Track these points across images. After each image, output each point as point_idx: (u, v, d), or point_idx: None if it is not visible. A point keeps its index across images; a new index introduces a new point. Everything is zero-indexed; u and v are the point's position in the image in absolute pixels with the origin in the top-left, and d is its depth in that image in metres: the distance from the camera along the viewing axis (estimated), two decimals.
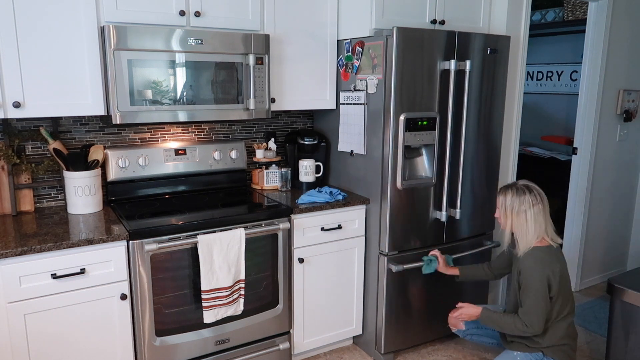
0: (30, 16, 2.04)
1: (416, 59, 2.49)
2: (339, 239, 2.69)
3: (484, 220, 2.96)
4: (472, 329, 2.47)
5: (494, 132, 2.89)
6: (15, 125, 2.39)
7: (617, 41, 3.53)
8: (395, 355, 2.87)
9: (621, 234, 4.01)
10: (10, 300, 1.93)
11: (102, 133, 2.59)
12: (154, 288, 2.19)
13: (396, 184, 2.57)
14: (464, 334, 2.50)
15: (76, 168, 2.38)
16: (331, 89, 2.83)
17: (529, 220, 2.11)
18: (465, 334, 2.50)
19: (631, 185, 3.96)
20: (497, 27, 3.02)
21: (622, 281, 2.29)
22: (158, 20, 2.29)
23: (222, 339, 2.41)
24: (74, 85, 2.17)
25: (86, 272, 2.05)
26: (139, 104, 2.25)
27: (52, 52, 2.11)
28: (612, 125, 3.69)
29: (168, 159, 2.67)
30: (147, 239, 2.14)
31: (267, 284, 2.51)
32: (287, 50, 2.65)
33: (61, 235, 2.05)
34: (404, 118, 2.50)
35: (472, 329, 2.47)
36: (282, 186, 2.85)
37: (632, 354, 2.23)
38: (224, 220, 2.32)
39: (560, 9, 4.26)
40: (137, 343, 2.22)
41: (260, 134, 3.04)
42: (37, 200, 2.49)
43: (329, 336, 2.79)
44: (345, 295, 2.79)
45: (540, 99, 4.68)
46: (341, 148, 2.88)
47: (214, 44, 2.36)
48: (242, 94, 2.50)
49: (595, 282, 3.93)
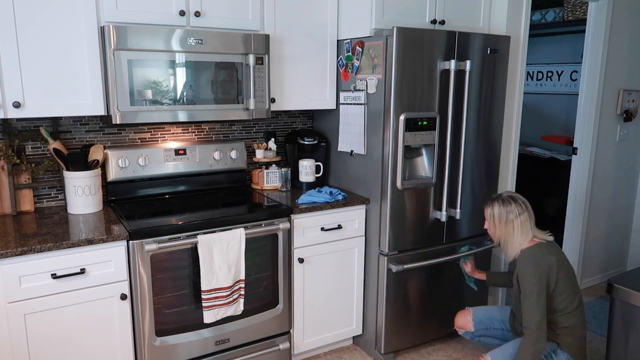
0: (30, 16, 2.04)
1: (416, 59, 2.49)
2: (339, 239, 2.69)
3: (484, 221, 2.95)
4: (480, 329, 2.46)
5: (494, 132, 2.89)
6: (15, 125, 2.39)
7: (617, 41, 3.53)
8: (395, 355, 2.87)
9: (621, 234, 4.01)
10: (10, 300, 1.93)
11: (102, 133, 2.59)
12: (154, 288, 2.19)
13: (396, 184, 2.57)
14: (472, 335, 2.49)
15: (76, 168, 2.38)
16: (331, 89, 2.83)
17: (516, 228, 2.18)
18: (474, 336, 2.49)
19: (631, 185, 3.96)
20: (497, 27, 3.02)
21: (622, 281, 2.29)
22: (158, 20, 2.29)
23: (222, 339, 2.41)
24: (74, 85, 2.17)
25: (86, 272, 2.05)
26: (139, 104, 2.25)
27: (52, 52, 2.11)
28: (612, 125, 3.69)
29: (168, 159, 2.67)
30: (147, 239, 2.14)
31: (267, 284, 2.51)
32: (287, 50, 2.65)
33: (61, 235, 2.05)
34: (404, 118, 2.50)
35: (480, 329, 2.46)
36: (282, 186, 2.85)
37: (632, 354, 2.23)
38: (224, 220, 2.32)
39: (560, 9, 4.26)
40: (137, 343, 2.22)
41: (260, 134, 3.04)
42: (37, 200, 2.49)
43: (329, 336, 2.79)
44: (345, 295, 2.79)
45: (540, 99, 4.68)
46: (341, 148, 2.88)
47: (214, 44, 2.36)
48: (242, 94, 2.50)
49: (595, 282, 3.93)
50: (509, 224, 2.19)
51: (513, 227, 2.18)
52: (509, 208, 2.19)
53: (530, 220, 2.20)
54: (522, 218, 2.18)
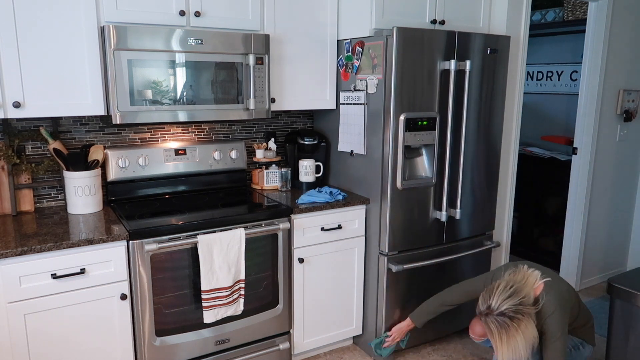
0: (30, 16, 2.04)
1: (416, 59, 2.49)
2: (339, 239, 2.69)
3: (484, 221, 2.96)
4: None
5: (494, 132, 2.89)
6: (15, 125, 2.39)
7: (617, 41, 3.53)
8: (396, 355, 2.87)
9: (621, 234, 4.01)
10: (10, 300, 1.93)
11: (102, 133, 2.59)
12: (154, 288, 2.19)
13: (396, 184, 2.57)
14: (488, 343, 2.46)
15: (76, 168, 2.38)
16: (331, 89, 2.83)
17: (525, 340, 1.97)
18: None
19: (631, 185, 3.96)
20: (497, 27, 3.02)
21: (622, 281, 2.29)
22: (158, 20, 2.29)
23: (222, 339, 2.41)
24: (74, 85, 2.17)
25: (86, 272, 2.05)
26: (139, 104, 2.25)
27: (52, 52, 2.11)
28: (612, 125, 3.69)
29: (168, 159, 2.67)
30: (147, 239, 2.14)
31: (267, 284, 2.51)
32: (287, 50, 2.65)
33: (61, 235, 2.05)
34: (404, 118, 2.50)
35: None
36: (282, 186, 2.85)
37: (632, 354, 2.23)
38: (224, 220, 2.32)
39: (560, 9, 4.26)
40: (137, 343, 2.22)
41: (260, 134, 3.04)
42: (37, 200, 2.49)
43: (329, 336, 2.79)
44: (345, 295, 2.79)
45: (540, 99, 4.68)
46: (341, 148, 2.88)
47: (214, 44, 2.36)
48: (242, 94, 2.50)
49: (595, 282, 3.93)
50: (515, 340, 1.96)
51: (523, 339, 1.95)
52: (508, 331, 1.96)
53: (531, 317, 1.99)
54: (522, 328, 1.96)
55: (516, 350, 1.97)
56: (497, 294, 2.01)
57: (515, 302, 1.97)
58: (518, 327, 1.95)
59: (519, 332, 1.95)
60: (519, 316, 1.96)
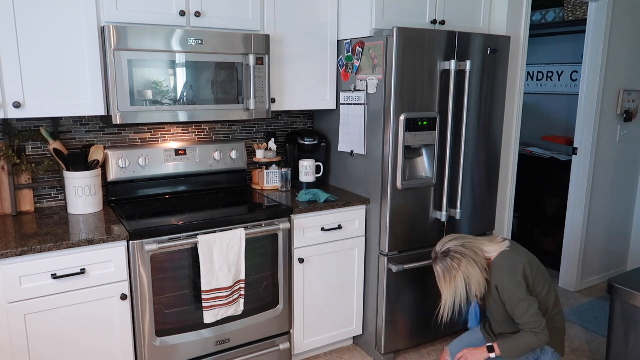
0: (30, 16, 2.04)
1: (416, 59, 2.49)
2: (339, 239, 2.69)
3: (484, 221, 2.96)
4: None
5: (494, 132, 2.89)
6: (15, 125, 2.39)
7: (617, 41, 3.53)
8: (396, 355, 2.87)
9: (621, 234, 4.01)
10: (10, 300, 1.93)
11: (102, 133, 2.59)
12: (154, 288, 2.19)
13: (396, 184, 2.57)
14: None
15: (76, 168, 2.38)
16: (331, 89, 2.83)
17: (465, 279, 2.06)
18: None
19: (631, 185, 3.96)
20: (497, 27, 3.02)
21: (622, 281, 2.29)
22: (158, 20, 2.29)
23: (222, 339, 2.41)
24: (74, 85, 2.17)
25: (86, 272, 2.05)
26: (139, 104, 2.25)
27: (52, 52, 2.11)
28: (612, 125, 3.69)
29: (168, 159, 2.67)
30: (147, 239, 2.14)
31: (267, 284, 2.51)
32: (287, 50, 2.66)
33: (61, 235, 2.05)
34: (404, 118, 2.50)
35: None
36: (282, 186, 2.85)
37: (632, 354, 2.23)
38: (224, 220, 2.32)
39: (560, 9, 4.26)
40: (137, 343, 2.22)
41: (260, 134, 3.04)
42: (37, 200, 2.49)
43: (329, 336, 2.79)
44: (345, 295, 2.79)
45: (540, 99, 4.68)
46: (341, 148, 2.88)
47: (214, 44, 2.36)
48: (242, 94, 2.50)
49: (595, 282, 3.93)
50: (456, 280, 2.07)
51: (462, 279, 2.06)
52: (446, 264, 2.08)
53: (473, 259, 2.07)
54: (462, 268, 2.05)
55: (457, 290, 2.07)
56: (445, 240, 2.15)
57: (457, 244, 2.09)
58: (458, 266, 2.05)
59: (459, 272, 2.05)
60: (458, 256, 2.06)
